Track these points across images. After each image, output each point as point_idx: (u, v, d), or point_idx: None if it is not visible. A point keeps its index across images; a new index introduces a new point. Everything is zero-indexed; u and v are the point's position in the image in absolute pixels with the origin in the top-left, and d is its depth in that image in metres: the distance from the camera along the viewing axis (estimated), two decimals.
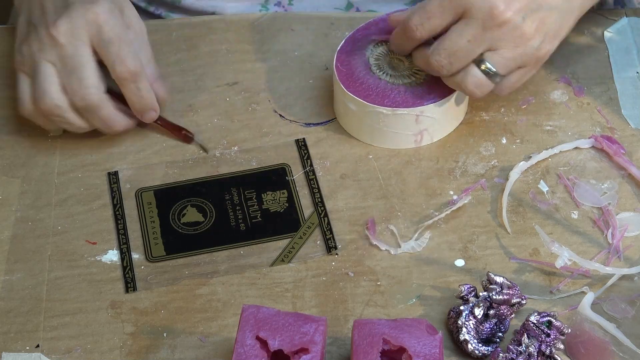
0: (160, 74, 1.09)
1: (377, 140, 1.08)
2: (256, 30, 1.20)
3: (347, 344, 0.94)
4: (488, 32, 0.99)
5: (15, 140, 1.11)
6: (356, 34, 1.10)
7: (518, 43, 1.00)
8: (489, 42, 0.99)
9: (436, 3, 1.00)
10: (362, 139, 1.08)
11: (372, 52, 1.09)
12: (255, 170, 1.07)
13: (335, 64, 1.08)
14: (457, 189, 1.05)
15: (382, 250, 1.01)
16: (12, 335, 0.96)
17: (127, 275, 1.00)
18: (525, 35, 1.00)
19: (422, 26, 1.01)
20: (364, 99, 1.05)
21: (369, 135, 1.08)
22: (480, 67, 1.01)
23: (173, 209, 1.04)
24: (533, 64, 1.03)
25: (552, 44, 1.03)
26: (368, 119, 1.06)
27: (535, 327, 0.89)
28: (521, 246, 1.01)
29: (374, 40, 1.10)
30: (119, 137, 1.10)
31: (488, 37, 0.99)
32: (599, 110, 1.11)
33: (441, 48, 1.00)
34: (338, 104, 1.10)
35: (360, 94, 1.05)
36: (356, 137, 1.09)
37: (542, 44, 1.01)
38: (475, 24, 0.99)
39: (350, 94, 1.05)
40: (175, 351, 0.94)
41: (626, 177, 1.06)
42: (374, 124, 1.06)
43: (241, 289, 0.98)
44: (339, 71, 1.07)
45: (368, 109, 1.05)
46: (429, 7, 1.00)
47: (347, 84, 1.06)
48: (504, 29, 0.99)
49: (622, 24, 1.18)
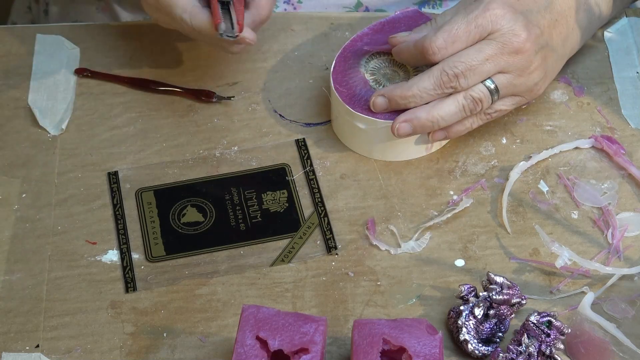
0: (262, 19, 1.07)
1: (389, 155, 1.07)
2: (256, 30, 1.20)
3: (347, 344, 0.94)
4: (505, 56, 1.01)
5: (15, 140, 1.11)
6: (344, 52, 1.09)
7: (523, 73, 1.02)
8: (502, 66, 1.01)
9: (463, 28, 1.00)
10: (373, 156, 1.07)
11: (365, 68, 1.08)
12: (255, 170, 1.07)
13: (334, 85, 1.06)
14: (457, 189, 1.05)
15: (382, 250, 1.01)
16: (12, 335, 0.96)
17: (127, 275, 1.00)
18: (531, 68, 1.02)
19: (446, 50, 1.01)
20: (374, 116, 1.04)
21: (380, 152, 1.07)
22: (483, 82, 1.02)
23: (173, 209, 1.04)
24: (526, 96, 1.05)
25: (546, 83, 1.06)
26: (380, 135, 1.05)
27: (535, 327, 0.89)
28: (521, 246, 1.01)
29: (364, 55, 1.09)
30: (119, 137, 1.10)
31: (503, 60, 1.01)
32: (599, 110, 1.11)
33: (459, 61, 1.00)
34: (343, 126, 1.08)
35: (369, 112, 1.04)
36: (366, 155, 1.07)
37: (541, 81, 1.04)
38: (495, 45, 1.00)
39: (359, 113, 1.04)
40: (175, 351, 0.94)
41: (626, 177, 1.06)
42: (386, 139, 1.05)
43: (241, 289, 0.98)
44: (340, 92, 1.06)
45: (380, 126, 1.04)
46: (455, 31, 1.00)
47: (352, 104, 1.05)
48: (520, 56, 1.01)
49: (622, 24, 1.18)
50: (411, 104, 1.02)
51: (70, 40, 1.18)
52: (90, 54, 1.18)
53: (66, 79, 1.15)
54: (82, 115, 1.13)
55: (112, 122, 1.12)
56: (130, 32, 1.20)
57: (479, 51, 1.00)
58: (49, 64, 1.17)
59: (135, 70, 1.16)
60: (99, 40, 1.19)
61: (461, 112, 1.02)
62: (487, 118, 1.05)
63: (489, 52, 1.00)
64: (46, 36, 1.19)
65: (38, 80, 1.15)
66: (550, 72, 1.05)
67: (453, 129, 1.04)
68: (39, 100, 1.14)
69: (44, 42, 1.19)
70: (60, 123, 1.12)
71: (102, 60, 1.17)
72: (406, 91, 1.02)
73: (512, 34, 1.00)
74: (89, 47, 1.18)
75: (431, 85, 1.01)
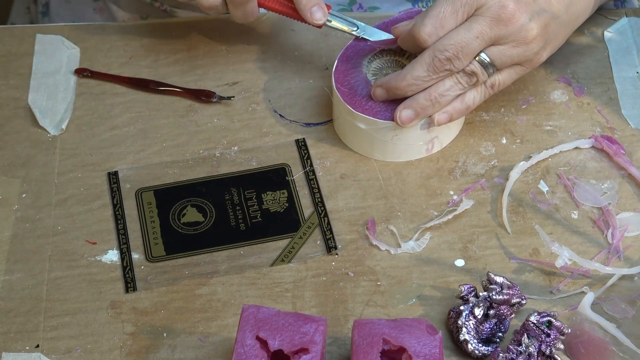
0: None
1: (389, 155, 1.07)
2: (256, 30, 1.20)
3: (347, 344, 0.94)
4: (495, 29, 0.99)
5: (15, 140, 1.11)
6: (347, 52, 1.09)
7: (520, 43, 1.01)
8: (494, 39, 1.00)
9: (449, 9, 0.99)
10: (374, 157, 1.07)
11: (368, 68, 1.08)
12: (255, 170, 1.07)
13: (335, 85, 1.06)
14: (457, 189, 1.05)
15: (382, 250, 1.01)
16: (12, 335, 0.96)
17: (127, 275, 1.00)
18: (529, 37, 1.00)
19: (436, 35, 1.00)
20: (374, 116, 1.04)
21: (381, 153, 1.07)
22: (475, 58, 1.01)
23: (173, 209, 1.04)
24: (527, 65, 1.03)
25: (549, 51, 1.04)
26: (380, 135, 1.05)
27: (535, 327, 0.89)
28: (521, 246, 1.01)
29: (367, 55, 1.09)
30: (119, 137, 1.10)
31: (494, 34, 0.99)
32: (599, 110, 1.11)
33: (448, 43, 0.99)
34: (344, 126, 1.08)
35: (369, 112, 1.04)
36: (367, 156, 1.07)
37: (542, 50, 1.02)
38: (483, 21, 0.99)
39: (360, 113, 1.04)
40: (175, 351, 0.94)
41: (626, 177, 1.06)
42: (387, 139, 1.05)
43: (241, 289, 0.98)
44: (341, 92, 1.05)
45: (380, 126, 1.04)
46: (441, 15, 1.00)
47: (353, 104, 1.05)
48: (510, 27, 0.99)
49: (622, 24, 1.18)
50: (409, 92, 1.02)
51: (70, 40, 1.19)
52: (90, 54, 1.18)
53: (66, 79, 1.15)
54: (82, 115, 1.13)
55: (112, 122, 1.12)
56: (130, 32, 1.20)
57: (468, 30, 0.99)
58: (49, 64, 1.17)
59: (135, 70, 1.16)
60: (99, 40, 1.19)
61: (457, 86, 1.01)
62: (488, 92, 1.03)
63: (479, 29, 0.99)
64: (46, 36, 1.19)
65: (38, 80, 1.15)
66: (552, 40, 1.03)
67: (455, 108, 1.02)
68: (39, 100, 1.14)
69: (43, 42, 1.19)
70: (60, 123, 1.12)
71: (102, 60, 1.17)
72: (400, 81, 1.01)
73: (499, 6, 0.99)
74: (89, 47, 1.19)
75: (424, 72, 1.00)
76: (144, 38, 1.19)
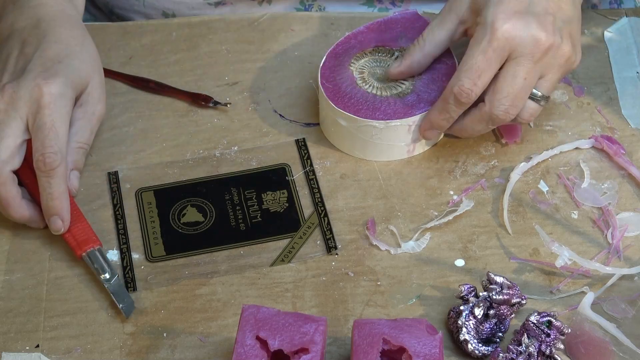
0: (81, 165, 1.04)
1: (369, 154, 1.06)
2: (256, 30, 1.20)
3: (347, 344, 0.94)
4: (538, 64, 0.99)
5: None
6: (336, 49, 1.09)
7: (561, 65, 1.01)
8: (540, 73, 1.00)
9: (481, 58, 0.98)
10: (354, 154, 1.07)
11: (355, 66, 1.08)
12: (255, 170, 1.07)
13: (321, 81, 1.06)
14: (457, 189, 1.05)
15: (382, 250, 1.01)
16: (12, 335, 0.96)
17: (127, 275, 1.00)
18: (566, 55, 1.00)
19: (476, 86, 0.99)
20: (354, 113, 1.04)
21: (361, 151, 1.07)
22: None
23: (173, 209, 1.04)
24: (567, 73, 1.05)
25: (579, 50, 1.03)
26: (360, 133, 1.05)
27: (535, 327, 0.89)
28: (521, 246, 1.01)
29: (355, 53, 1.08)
30: (119, 137, 1.10)
31: (539, 69, 1.00)
32: (599, 110, 1.11)
33: (502, 97, 0.99)
34: (327, 121, 1.08)
35: (350, 109, 1.04)
36: (348, 153, 1.07)
37: (575, 55, 1.02)
38: (524, 60, 0.98)
39: (340, 109, 1.04)
40: (175, 351, 0.94)
41: (626, 177, 1.06)
42: (367, 138, 1.05)
43: (241, 289, 0.98)
44: (325, 88, 1.06)
45: (360, 124, 1.04)
46: (475, 65, 0.98)
47: (335, 100, 1.05)
48: (550, 56, 0.99)
49: (622, 24, 1.18)
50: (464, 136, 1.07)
51: None
52: None
53: None
54: None
55: (112, 122, 1.12)
56: (130, 32, 1.20)
57: (514, 76, 0.99)
58: None
59: (135, 70, 1.16)
60: (99, 40, 1.18)
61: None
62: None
63: (524, 71, 0.98)
64: None
65: None
66: (577, 40, 1.03)
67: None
68: None
69: None
70: None
71: (102, 60, 1.17)
72: (461, 133, 1.05)
73: (533, 42, 0.98)
74: None
75: (484, 127, 1.03)
76: (144, 38, 1.19)
